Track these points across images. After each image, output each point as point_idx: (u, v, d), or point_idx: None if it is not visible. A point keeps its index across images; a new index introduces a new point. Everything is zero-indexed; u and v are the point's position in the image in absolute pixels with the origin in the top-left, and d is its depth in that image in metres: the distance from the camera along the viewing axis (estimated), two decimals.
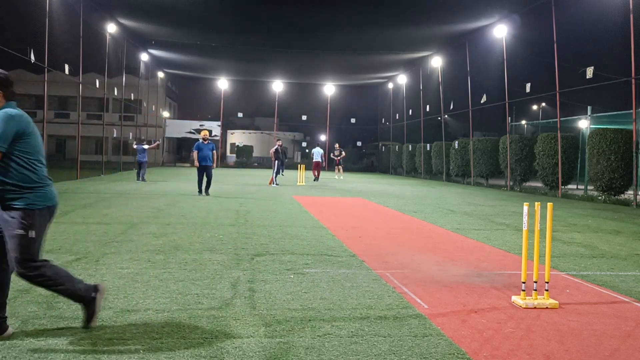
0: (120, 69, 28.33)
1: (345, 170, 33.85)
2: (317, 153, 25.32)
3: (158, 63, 36.97)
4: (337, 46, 28.90)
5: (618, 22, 15.88)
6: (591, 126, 20.85)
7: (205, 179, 14.37)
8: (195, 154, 14.47)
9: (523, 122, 35.59)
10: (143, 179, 19.65)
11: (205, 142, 14.42)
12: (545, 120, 32.13)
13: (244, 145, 44.48)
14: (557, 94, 18.61)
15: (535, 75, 22.26)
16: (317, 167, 24.69)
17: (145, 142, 21.01)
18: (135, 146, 20.71)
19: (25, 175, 3.43)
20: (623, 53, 15.44)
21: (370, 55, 30.65)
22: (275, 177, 20.17)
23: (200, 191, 14.33)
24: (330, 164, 40.60)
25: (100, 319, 3.77)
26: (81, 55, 21.02)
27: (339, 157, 28.64)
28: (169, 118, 47.81)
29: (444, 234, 8.67)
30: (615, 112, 19.61)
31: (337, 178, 27.62)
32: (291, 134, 53.48)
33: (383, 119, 42.85)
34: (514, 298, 4.60)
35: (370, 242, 7.56)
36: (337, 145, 29.44)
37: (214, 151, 14.51)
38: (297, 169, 21.72)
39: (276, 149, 20.69)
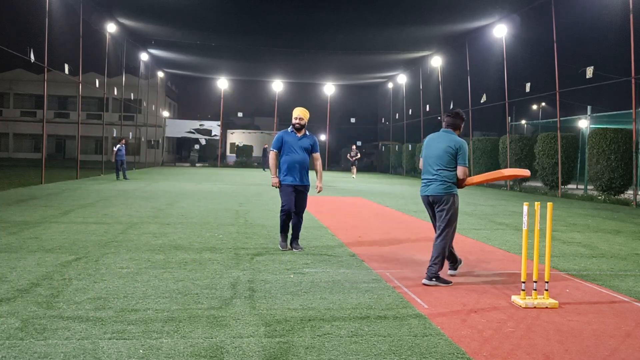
0: (120, 69, 28.34)
1: (345, 169, 33.97)
2: None
3: (158, 63, 36.97)
4: (337, 46, 28.91)
5: (618, 22, 15.89)
6: (591, 126, 20.84)
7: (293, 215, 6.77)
8: (272, 156, 6.75)
9: (523, 121, 35.60)
10: (125, 177, 20.54)
11: (299, 134, 6.76)
12: (545, 120, 32.14)
13: (244, 145, 44.49)
14: (557, 94, 18.60)
15: (535, 75, 22.30)
16: None
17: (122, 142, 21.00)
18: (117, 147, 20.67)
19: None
20: (623, 53, 15.45)
21: (370, 55, 30.66)
22: None
23: (285, 239, 6.86)
24: (329, 165, 40.62)
25: (99, 318, 3.78)
26: (81, 54, 21.02)
27: (354, 158, 29.01)
28: (169, 118, 47.82)
29: None
30: (615, 112, 19.60)
31: (353, 178, 27.83)
32: None
33: (383, 119, 42.87)
34: (514, 298, 4.60)
35: (370, 242, 7.55)
36: (353, 147, 29.85)
37: (317, 154, 6.91)
38: None
39: None
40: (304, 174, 6.74)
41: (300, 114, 6.79)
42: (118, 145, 20.43)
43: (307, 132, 6.87)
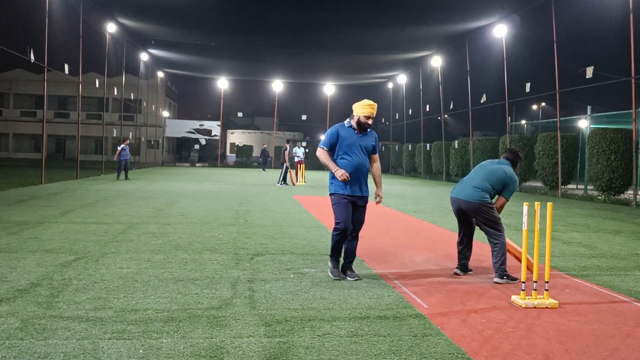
0: (120, 69, 28.35)
1: None
2: (300, 151, 23.79)
3: (158, 63, 36.97)
4: (337, 46, 28.92)
5: (618, 22, 15.90)
6: (591, 126, 20.84)
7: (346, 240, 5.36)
8: (323, 153, 5.32)
9: (523, 121, 35.62)
10: (127, 177, 20.60)
11: (358, 133, 5.33)
12: (545, 120, 32.15)
13: (243, 145, 44.53)
14: (557, 94, 18.60)
15: (535, 75, 22.32)
16: (299, 167, 23.43)
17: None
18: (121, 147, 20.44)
19: None
20: (623, 53, 15.46)
21: (370, 55, 30.67)
22: (281, 177, 20.28)
23: (337, 264, 5.32)
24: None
25: (99, 318, 3.78)
26: (81, 54, 21.02)
27: None
28: (169, 118, 47.83)
29: (444, 234, 8.66)
30: (615, 112, 19.61)
31: None
32: (291, 133, 53.55)
33: (383, 119, 42.88)
34: (514, 298, 4.60)
35: (370, 242, 7.55)
36: None
37: (376, 155, 5.60)
38: (296, 168, 21.77)
39: (282, 149, 21.00)
40: (364, 182, 5.35)
41: (371, 111, 5.26)
42: (122, 145, 20.33)
43: (369, 129, 5.38)
